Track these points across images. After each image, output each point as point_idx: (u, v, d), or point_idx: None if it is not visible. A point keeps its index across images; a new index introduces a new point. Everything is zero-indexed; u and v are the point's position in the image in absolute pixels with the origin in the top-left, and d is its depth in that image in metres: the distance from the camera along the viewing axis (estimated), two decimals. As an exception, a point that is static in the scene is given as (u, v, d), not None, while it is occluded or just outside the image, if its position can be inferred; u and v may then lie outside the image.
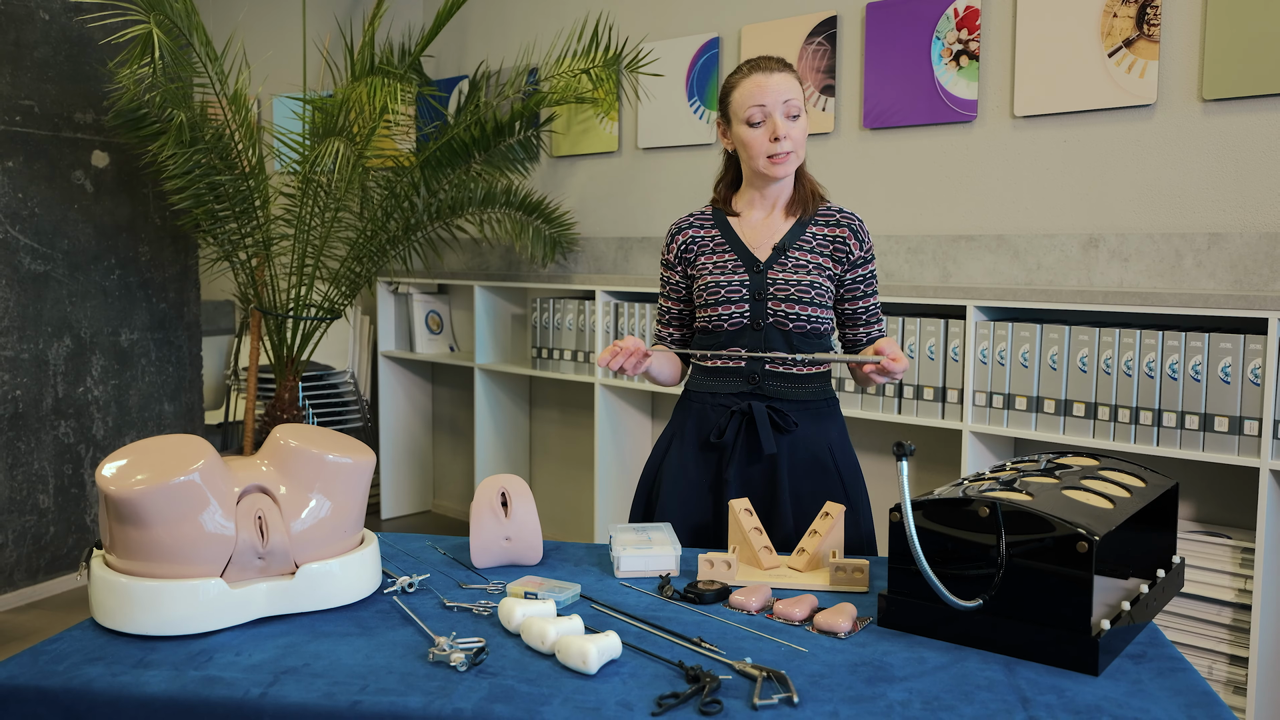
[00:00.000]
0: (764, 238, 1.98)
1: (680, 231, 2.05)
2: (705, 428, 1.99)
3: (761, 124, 1.91)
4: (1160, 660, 1.29)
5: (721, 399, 1.97)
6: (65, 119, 3.75)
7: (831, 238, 1.97)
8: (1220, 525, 2.69)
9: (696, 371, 2.03)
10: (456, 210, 4.09)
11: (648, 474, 2.08)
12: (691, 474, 1.99)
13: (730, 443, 1.94)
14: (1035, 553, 1.27)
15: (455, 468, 4.96)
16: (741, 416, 1.94)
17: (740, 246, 1.98)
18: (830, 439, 1.98)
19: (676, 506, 1.98)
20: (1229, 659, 2.51)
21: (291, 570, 1.43)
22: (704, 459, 1.99)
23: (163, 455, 1.37)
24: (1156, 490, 1.53)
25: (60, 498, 3.81)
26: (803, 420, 1.96)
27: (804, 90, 1.94)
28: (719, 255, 1.99)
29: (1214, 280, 2.69)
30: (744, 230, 2.01)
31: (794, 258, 1.95)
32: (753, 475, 1.95)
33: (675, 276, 2.07)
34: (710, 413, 1.98)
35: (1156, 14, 2.74)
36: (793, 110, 1.91)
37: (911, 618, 1.37)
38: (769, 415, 1.93)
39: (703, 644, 1.32)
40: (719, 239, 2.01)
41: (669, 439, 2.05)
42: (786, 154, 1.91)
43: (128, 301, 3.99)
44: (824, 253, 1.97)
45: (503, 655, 1.30)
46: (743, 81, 1.93)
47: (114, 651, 1.31)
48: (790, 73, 1.94)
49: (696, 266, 2.02)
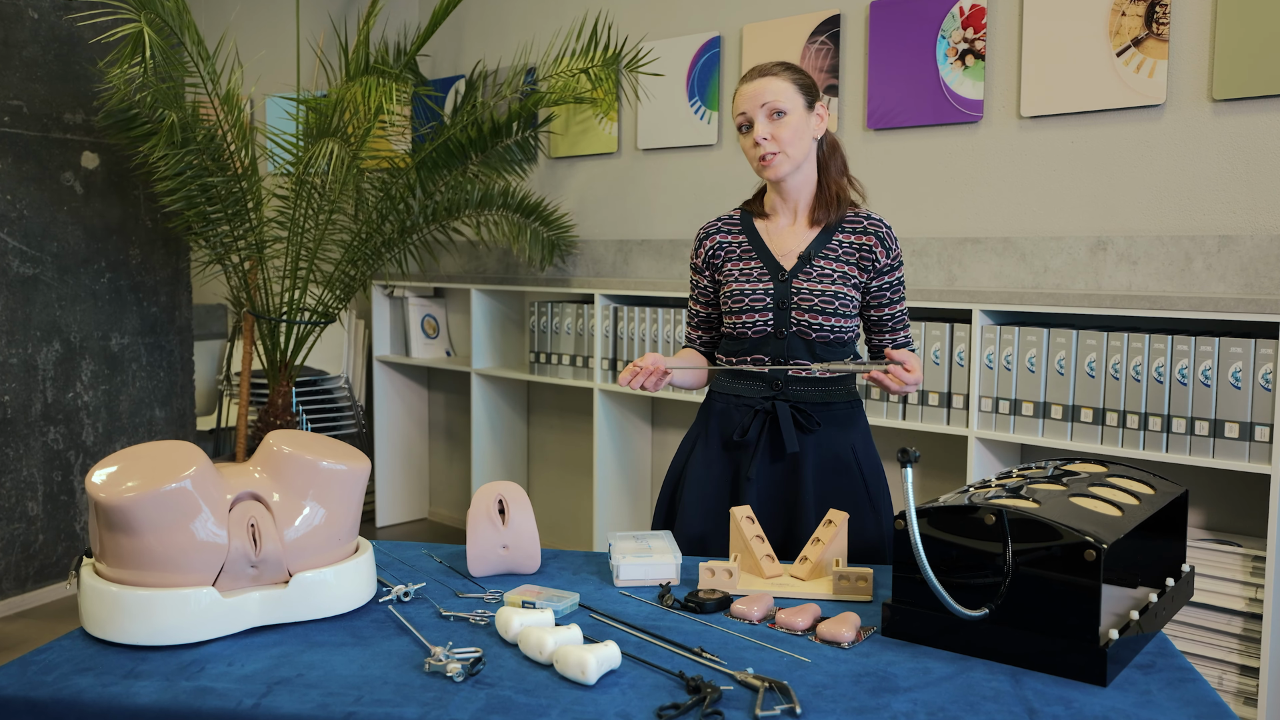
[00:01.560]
0: (790, 245, 2.01)
1: (708, 236, 2.09)
2: (729, 428, 2.03)
3: (748, 131, 1.97)
4: (1169, 670, 1.29)
5: (746, 400, 2.01)
6: (54, 119, 3.76)
7: (858, 245, 2.00)
8: (1230, 533, 2.69)
9: (721, 374, 2.07)
10: (453, 212, 4.09)
11: (672, 474, 2.13)
12: (715, 472, 2.04)
13: (753, 441, 1.99)
14: (1042, 561, 1.27)
15: (452, 474, 4.96)
16: (765, 416, 1.99)
17: (766, 253, 2.01)
18: (853, 440, 2.02)
19: (699, 504, 2.03)
20: (1239, 669, 2.51)
21: (285, 579, 1.43)
22: (727, 458, 2.03)
23: (154, 462, 1.37)
24: (1166, 497, 1.53)
25: (49, 505, 3.81)
26: (826, 421, 1.99)
27: (802, 92, 1.97)
28: (745, 262, 2.03)
29: (1224, 283, 2.70)
30: (770, 236, 2.04)
31: (819, 267, 1.98)
32: (776, 474, 1.99)
33: (703, 281, 2.11)
34: (734, 413, 2.02)
35: (1166, 12, 2.74)
36: (774, 109, 1.94)
37: (916, 627, 1.38)
38: (792, 415, 1.97)
39: (704, 654, 1.33)
40: (745, 245, 2.04)
41: (694, 439, 2.10)
42: (772, 155, 1.95)
43: (118, 305, 4.00)
44: (850, 261, 1.99)
45: (500, 665, 1.30)
46: (735, 91, 2.01)
47: (104, 662, 1.31)
48: (775, 75, 1.97)
49: (723, 272, 2.06)
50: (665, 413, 4.00)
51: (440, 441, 5.01)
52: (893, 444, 3.30)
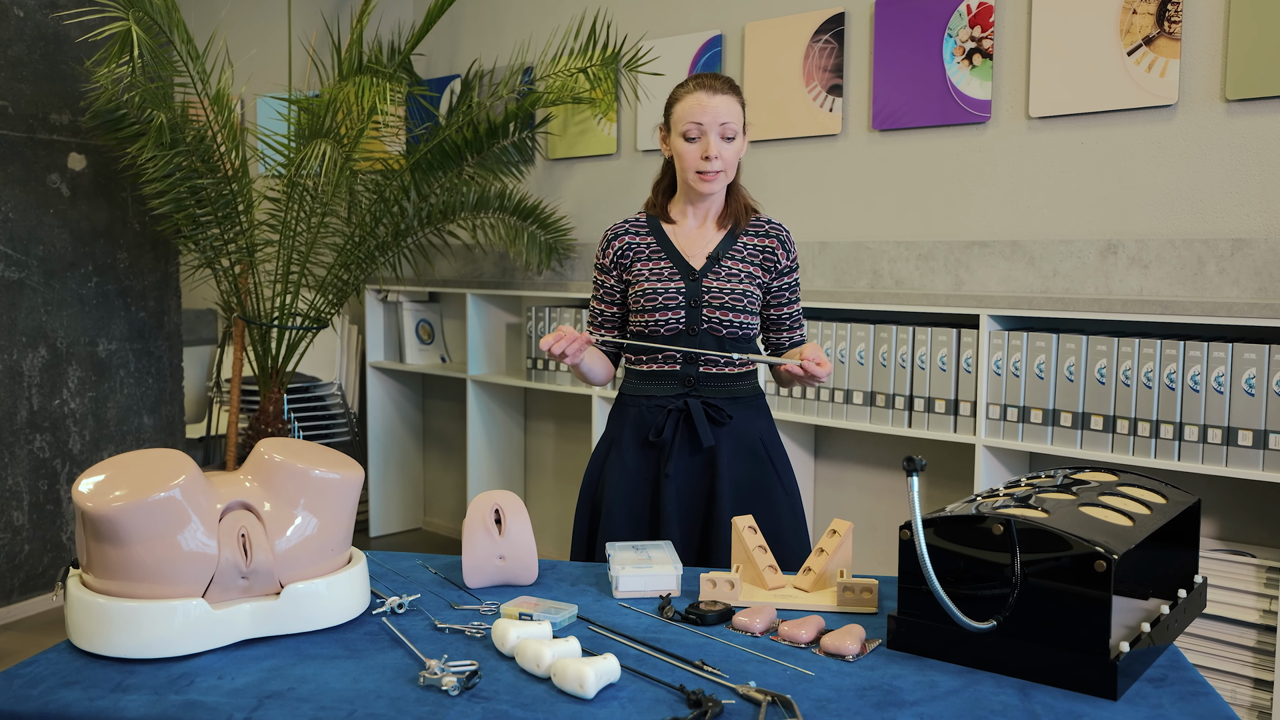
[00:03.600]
0: (698, 246, 2.16)
1: (617, 237, 2.22)
2: (643, 428, 2.15)
3: (697, 140, 2.09)
4: (1181, 684, 1.30)
5: (658, 400, 2.15)
6: (40, 120, 3.77)
7: (761, 248, 2.17)
8: (1244, 543, 2.69)
9: (631, 376, 2.20)
10: (448, 215, 4.10)
11: (589, 480, 2.23)
12: (633, 473, 2.15)
13: (669, 439, 2.12)
14: (1051, 572, 1.27)
15: (447, 483, 4.96)
16: (679, 414, 2.12)
17: (675, 254, 2.16)
18: (760, 430, 2.18)
19: (622, 504, 2.14)
20: (1253, 683, 2.51)
21: (276, 590, 1.43)
22: (644, 457, 2.15)
23: (142, 470, 1.38)
24: (1177, 507, 1.54)
25: (35, 514, 3.81)
26: (735, 413, 2.14)
27: (744, 113, 2.16)
28: (655, 262, 2.16)
29: (1238, 288, 2.70)
30: (678, 238, 2.18)
31: (727, 267, 2.14)
32: (693, 468, 2.13)
33: (610, 281, 2.22)
34: (647, 414, 2.15)
35: (1178, 10, 2.75)
36: (728, 133, 2.08)
37: (922, 640, 1.38)
38: (705, 411, 2.11)
39: (705, 667, 1.33)
40: (654, 246, 2.18)
41: (608, 444, 2.21)
42: (715, 173, 2.09)
43: (106, 310, 4.00)
44: (755, 261, 2.16)
45: (496, 679, 1.30)
46: (686, 96, 2.11)
47: (91, 675, 1.31)
48: (734, 96, 2.11)
49: (632, 272, 2.18)
50: (666, 420, 4.00)
51: (435, 450, 5.01)
52: (898, 452, 3.30)
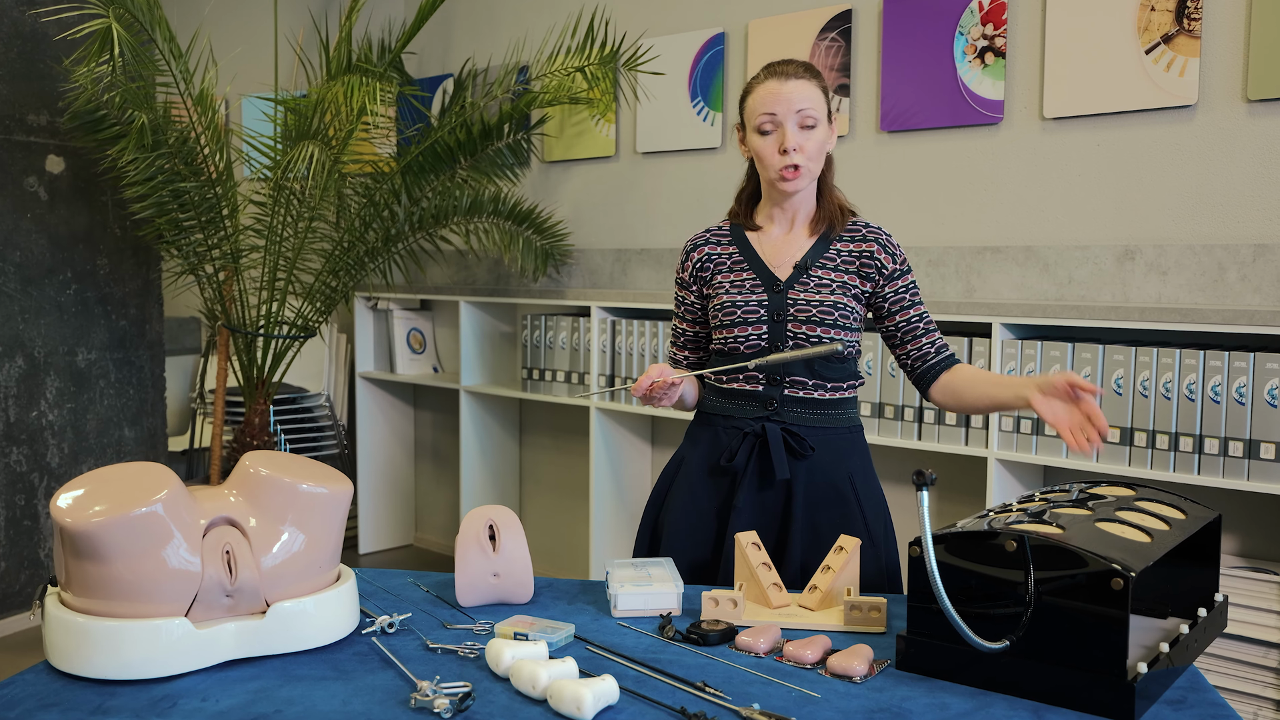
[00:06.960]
0: (785, 255, 2.01)
1: (696, 248, 2.08)
2: (716, 451, 2.01)
3: (772, 133, 1.94)
4: (1202, 706, 1.30)
5: (736, 421, 1.99)
6: (17, 121, 3.78)
7: (858, 254, 2.00)
8: (1266, 560, 2.69)
9: (711, 392, 2.05)
10: (440, 220, 4.10)
11: (654, 500, 2.11)
12: (700, 500, 2.02)
13: (741, 467, 1.97)
14: (1066, 590, 1.27)
15: (439, 498, 4.96)
16: (755, 439, 1.97)
17: (759, 264, 2.00)
18: (851, 468, 2.00)
19: (684, 534, 2.01)
20: (1275, 705, 2.51)
21: (262, 609, 1.43)
22: (714, 484, 2.01)
23: (123, 485, 1.38)
24: (1197, 522, 1.54)
25: (11, 530, 3.81)
26: (821, 446, 1.97)
27: (827, 100, 1.97)
28: (736, 273, 2.02)
29: (1260, 295, 2.71)
30: (763, 247, 2.03)
31: (816, 277, 1.97)
32: (766, 502, 1.97)
33: (690, 297, 2.10)
34: (723, 435, 2.01)
35: (1198, 8, 2.77)
36: (807, 120, 1.92)
37: (932, 660, 1.38)
38: (784, 439, 1.95)
39: (707, 689, 1.33)
40: (737, 256, 2.03)
41: (678, 462, 2.09)
42: (796, 168, 1.92)
43: (85, 318, 4.00)
44: (850, 269, 1.99)
45: (490, 701, 1.30)
46: (757, 87, 1.96)
47: (70, 697, 1.31)
48: (811, 80, 1.95)
49: (713, 285, 2.04)
50: (665, 433, 4.00)
51: (427, 463, 5.01)
52: (907, 465, 3.30)
